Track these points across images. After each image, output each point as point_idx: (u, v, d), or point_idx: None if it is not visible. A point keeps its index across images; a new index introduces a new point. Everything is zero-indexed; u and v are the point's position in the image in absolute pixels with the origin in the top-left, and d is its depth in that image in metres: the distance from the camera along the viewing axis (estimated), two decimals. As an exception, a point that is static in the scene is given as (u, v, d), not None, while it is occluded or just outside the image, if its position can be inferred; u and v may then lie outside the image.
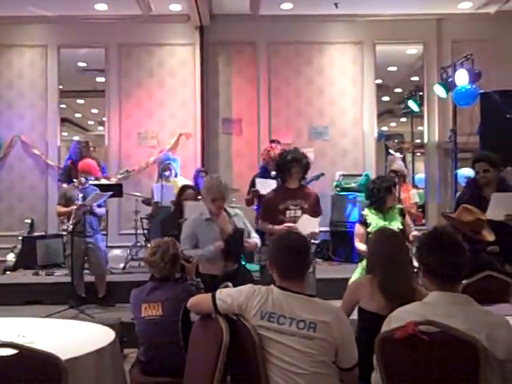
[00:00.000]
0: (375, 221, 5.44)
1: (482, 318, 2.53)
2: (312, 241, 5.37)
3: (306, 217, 5.30)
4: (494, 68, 10.08)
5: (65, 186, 8.37)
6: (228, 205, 5.27)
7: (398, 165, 6.87)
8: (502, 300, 3.85)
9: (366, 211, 5.58)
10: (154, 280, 3.95)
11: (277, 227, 5.23)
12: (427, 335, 2.44)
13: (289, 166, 5.47)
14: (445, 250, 2.60)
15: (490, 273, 4.10)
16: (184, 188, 6.49)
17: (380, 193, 5.49)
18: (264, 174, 7.60)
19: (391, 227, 5.13)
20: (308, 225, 5.17)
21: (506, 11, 9.89)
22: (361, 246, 5.39)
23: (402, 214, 5.61)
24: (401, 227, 5.39)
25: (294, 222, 5.29)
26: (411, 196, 7.61)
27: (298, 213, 5.41)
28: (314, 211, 5.49)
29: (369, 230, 5.38)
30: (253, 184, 7.45)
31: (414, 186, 9.63)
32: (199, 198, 5.98)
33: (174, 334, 3.70)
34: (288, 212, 5.39)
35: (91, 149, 8.79)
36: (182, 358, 3.41)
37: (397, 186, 5.78)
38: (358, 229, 5.52)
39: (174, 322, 3.71)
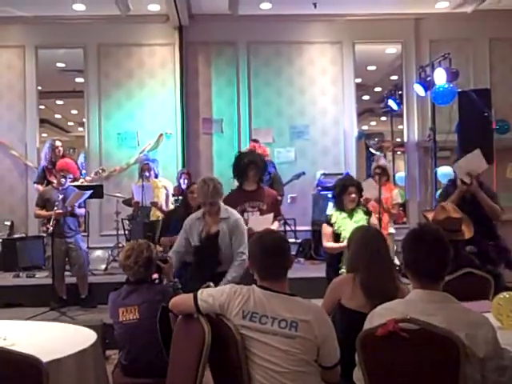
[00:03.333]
0: (340, 220, 5.47)
1: (461, 316, 2.55)
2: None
3: (255, 216, 5.32)
4: (470, 67, 10.22)
5: (40, 187, 8.32)
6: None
7: (384, 161, 6.91)
8: (482, 297, 3.89)
9: (331, 211, 5.66)
10: (129, 283, 3.92)
11: None
12: (408, 332, 2.46)
13: (245, 169, 5.48)
14: (425, 248, 2.62)
15: (470, 270, 4.14)
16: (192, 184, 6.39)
17: (335, 191, 5.59)
18: None
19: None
20: (261, 222, 5.13)
21: (483, 10, 9.97)
22: (329, 244, 5.46)
23: (368, 213, 5.65)
24: None
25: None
26: (394, 196, 7.60)
27: (256, 215, 5.44)
28: (273, 213, 5.49)
29: (335, 229, 5.44)
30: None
31: (395, 185, 9.68)
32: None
33: (153, 336, 3.69)
34: (246, 214, 5.39)
35: (59, 149, 8.60)
36: (163, 359, 3.41)
37: (360, 186, 5.74)
38: (325, 228, 5.56)
39: (153, 324, 3.69)
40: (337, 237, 5.46)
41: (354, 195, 5.50)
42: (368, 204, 6.12)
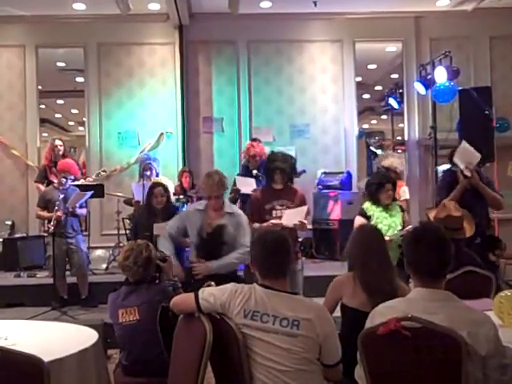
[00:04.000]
0: (377, 213, 5.43)
1: (463, 314, 2.55)
2: (298, 236, 5.38)
3: (289, 211, 5.28)
4: (471, 65, 10.21)
5: (40, 186, 8.32)
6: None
7: (389, 161, 6.85)
8: (483, 295, 3.89)
9: (366, 204, 5.56)
10: (128, 284, 3.91)
11: (264, 225, 5.19)
12: (409, 331, 2.46)
13: (272, 173, 5.48)
14: (426, 247, 2.61)
15: (471, 268, 4.14)
16: (154, 186, 6.44)
17: (371, 187, 5.54)
18: (245, 172, 7.57)
19: (393, 221, 5.30)
20: (294, 217, 5.15)
21: (483, 8, 9.98)
22: None
23: (402, 210, 5.64)
24: (401, 223, 5.44)
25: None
26: (401, 193, 7.61)
27: (289, 210, 5.38)
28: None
29: (372, 222, 5.33)
30: (235, 183, 7.45)
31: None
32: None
33: (153, 337, 3.68)
34: (274, 212, 5.36)
35: (58, 148, 8.57)
36: (163, 359, 3.40)
37: (396, 184, 5.74)
38: (359, 221, 5.42)
39: (153, 324, 3.68)
40: None
41: (390, 192, 5.49)
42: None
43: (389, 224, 5.38)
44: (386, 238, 4.92)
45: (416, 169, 10.47)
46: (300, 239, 9.37)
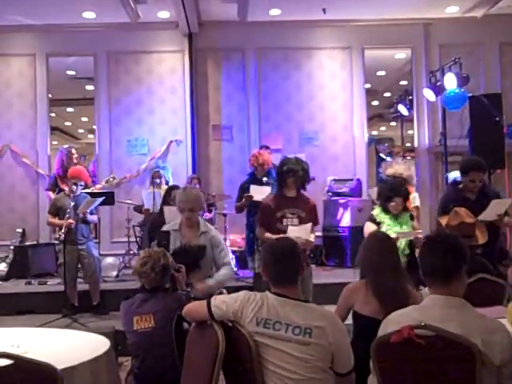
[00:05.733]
0: (387, 220, 5.37)
1: (477, 322, 2.53)
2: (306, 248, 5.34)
3: (292, 228, 5.23)
4: (481, 71, 10.19)
5: (49, 194, 8.37)
6: (206, 224, 5.07)
7: (393, 169, 6.80)
8: (495, 303, 3.87)
9: (376, 211, 5.51)
10: (143, 291, 3.90)
11: (271, 237, 5.13)
12: (423, 339, 2.45)
13: (284, 177, 5.45)
14: (439, 253, 2.61)
15: (483, 275, 4.12)
16: (170, 189, 6.40)
17: (381, 197, 5.48)
18: (252, 179, 7.50)
19: (402, 230, 5.21)
20: (299, 234, 5.05)
21: (493, 15, 9.96)
22: None
23: (412, 218, 5.58)
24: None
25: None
26: (411, 199, 7.59)
27: (295, 221, 5.37)
28: (311, 220, 5.43)
29: (382, 229, 5.25)
30: (243, 191, 7.40)
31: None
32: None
33: (168, 345, 3.67)
34: (285, 220, 5.35)
35: (75, 156, 8.62)
36: (176, 368, 3.40)
37: (409, 195, 5.68)
38: (369, 226, 5.36)
39: (167, 332, 3.67)
40: None
41: (399, 206, 5.35)
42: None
43: (398, 232, 5.34)
44: (393, 235, 4.93)
45: (426, 175, 10.44)
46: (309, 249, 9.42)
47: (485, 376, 2.41)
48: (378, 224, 5.38)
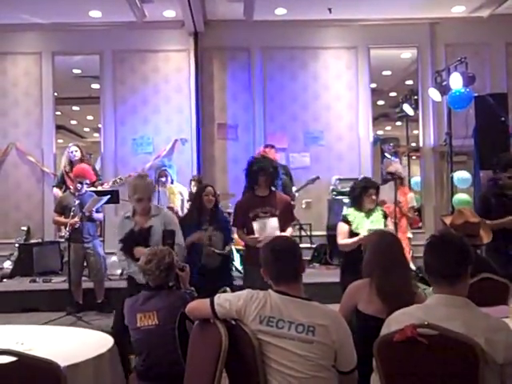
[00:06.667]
0: (358, 219, 5.52)
1: (481, 321, 2.53)
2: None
3: (257, 224, 5.34)
4: (487, 71, 10.16)
5: (56, 191, 8.38)
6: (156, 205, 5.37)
7: (394, 167, 6.85)
8: (500, 302, 3.85)
9: (347, 210, 5.69)
10: (147, 289, 3.92)
11: (247, 238, 5.43)
12: (426, 338, 2.44)
13: (255, 176, 5.49)
14: (444, 252, 2.60)
15: (487, 275, 4.10)
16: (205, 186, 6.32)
17: (355, 192, 5.61)
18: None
19: (373, 227, 5.27)
20: (266, 227, 5.25)
21: (499, 15, 9.94)
22: (343, 241, 5.49)
23: (385, 216, 5.67)
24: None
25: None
26: (409, 200, 7.60)
27: (258, 220, 5.43)
28: (286, 218, 5.51)
29: (353, 228, 5.48)
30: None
31: (410, 189, 9.65)
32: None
33: (171, 342, 3.67)
34: (258, 219, 5.40)
35: (77, 154, 8.60)
36: (179, 366, 3.40)
37: (379, 189, 5.78)
38: (341, 227, 5.59)
39: (171, 330, 3.67)
40: (353, 236, 5.48)
41: (374, 196, 5.57)
42: (384, 206, 6.16)
43: (369, 229, 5.37)
44: (364, 232, 5.19)
45: (431, 175, 10.43)
46: (314, 246, 9.43)
47: (488, 375, 2.40)
48: (350, 223, 5.49)
